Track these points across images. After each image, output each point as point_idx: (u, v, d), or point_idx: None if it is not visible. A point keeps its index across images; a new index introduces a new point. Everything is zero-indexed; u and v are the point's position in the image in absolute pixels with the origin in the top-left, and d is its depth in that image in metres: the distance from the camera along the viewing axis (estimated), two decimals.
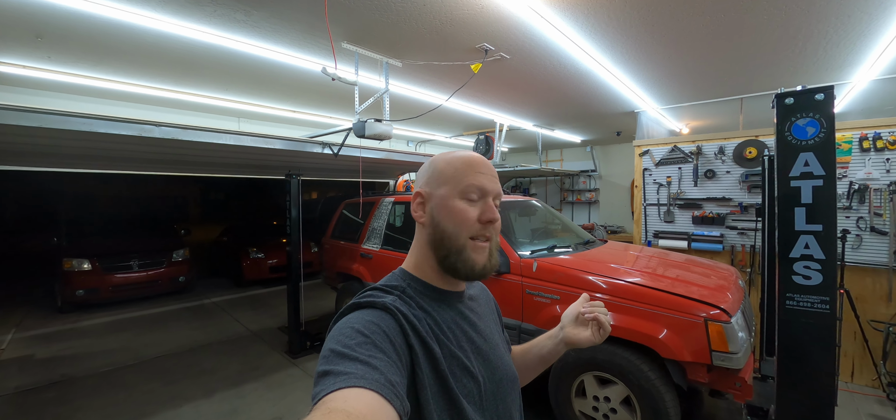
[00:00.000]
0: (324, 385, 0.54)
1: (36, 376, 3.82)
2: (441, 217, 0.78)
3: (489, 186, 0.79)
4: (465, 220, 0.76)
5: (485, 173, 0.79)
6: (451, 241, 0.76)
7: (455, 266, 0.76)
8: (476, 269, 0.76)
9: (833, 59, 3.49)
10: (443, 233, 0.77)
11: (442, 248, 0.77)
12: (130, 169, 4.33)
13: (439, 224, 0.77)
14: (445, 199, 0.78)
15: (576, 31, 2.93)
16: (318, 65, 3.30)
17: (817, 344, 1.56)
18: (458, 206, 0.77)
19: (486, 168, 0.80)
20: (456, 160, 0.80)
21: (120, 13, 2.52)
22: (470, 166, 0.79)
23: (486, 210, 0.77)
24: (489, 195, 0.79)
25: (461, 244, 0.75)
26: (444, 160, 0.81)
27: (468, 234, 0.76)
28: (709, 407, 3.12)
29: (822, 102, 1.55)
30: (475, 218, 0.77)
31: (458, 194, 0.77)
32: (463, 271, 0.76)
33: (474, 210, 0.77)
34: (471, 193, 0.77)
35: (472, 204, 0.77)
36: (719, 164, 4.21)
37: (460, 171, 0.78)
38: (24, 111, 2.24)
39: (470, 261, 0.75)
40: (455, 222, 0.76)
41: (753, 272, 3.97)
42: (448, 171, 0.79)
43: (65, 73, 3.71)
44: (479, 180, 0.78)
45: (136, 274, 6.25)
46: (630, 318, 2.38)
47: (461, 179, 0.78)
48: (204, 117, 5.54)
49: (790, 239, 1.60)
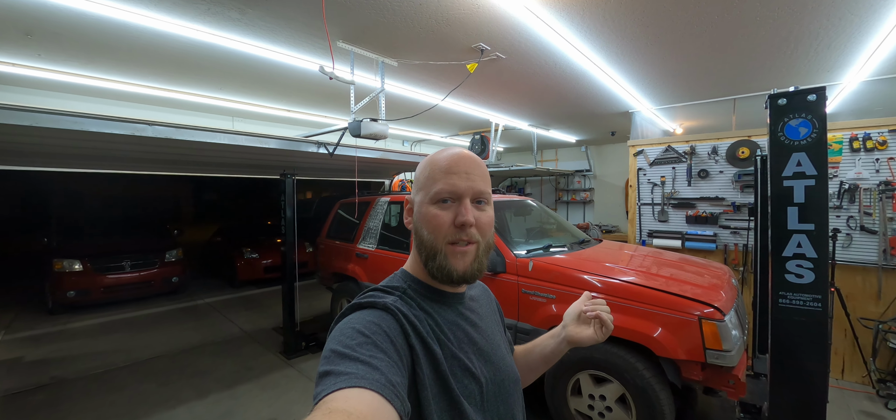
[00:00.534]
0: (324, 385, 0.54)
1: (25, 379, 3.77)
2: (419, 224, 0.77)
3: (462, 187, 0.74)
4: (438, 226, 0.73)
5: (458, 173, 0.74)
6: (427, 247, 0.74)
7: (433, 272, 0.74)
8: (453, 275, 0.73)
9: (824, 61, 3.54)
10: (421, 240, 0.75)
11: (423, 255, 0.76)
12: (123, 169, 4.29)
13: (418, 231, 0.77)
14: (421, 206, 0.77)
15: (571, 31, 2.94)
16: (314, 64, 3.29)
17: (810, 341, 1.58)
18: (430, 213, 0.74)
19: (460, 166, 0.75)
20: (430, 163, 0.78)
21: (112, 11, 2.48)
22: (441, 169, 0.75)
23: (458, 213, 0.73)
24: (465, 196, 0.74)
25: (437, 250, 0.73)
26: (422, 164, 0.80)
27: (445, 241, 0.73)
28: (702, 404, 3.15)
29: (814, 103, 1.57)
30: (449, 223, 0.73)
31: (429, 200, 0.75)
32: (440, 277, 0.74)
33: (448, 214, 0.74)
34: (442, 197, 0.74)
35: (445, 208, 0.74)
36: (713, 163, 4.25)
37: (432, 176, 0.76)
38: (14, 109, 2.21)
39: (446, 267, 0.73)
40: (430, 229, 0.74)
41: (746, 271, 4.01)
42: (421, 177, 0.78)
43: (56, 72, 3.66)
44: (451, 182, 0.74)
45: (128, 274, 6.18)
46: (625, 317, 2.39)
47: (432, 185, 0.75)
48: (198, 116, 5.49)
49: (783, 238, 1.62)
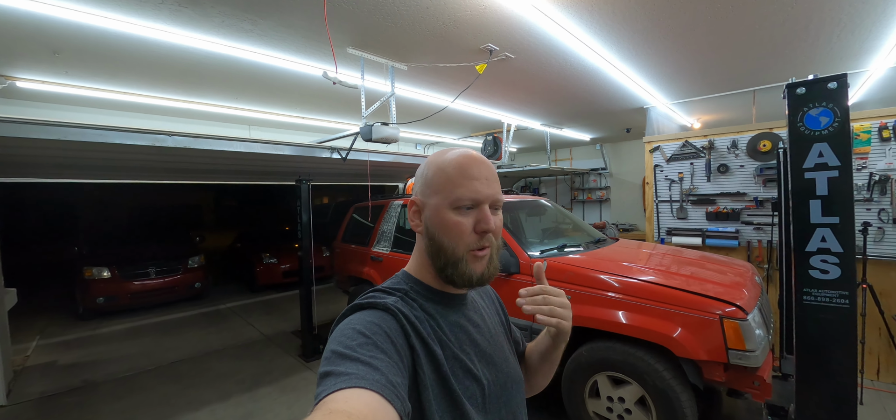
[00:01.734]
0: (325, 386, 0.54)
1: (59, 382, 3.93)
2: (436, 229, 0.74)
3: (483, 193, 0.72)
4: (460, 234, 0.72)
5: (478, 178, 0.73)
6: (447, 254, 0.72)
7: (451, 278, 0.73)
8: (473, 279, 0.73)
9: (848, 48, 3.40)
10: (439, 245, 0.73)
11: (439, 260, 0.74)
12: (145, 178, 4.44)
13: (434, 236, 0.74)
14: (438, 211, 0.73)
15: (581, 28, 2.91)
16: (324, 71, 3.34)
17: (837, 340, 1.51)
18: (451, 220, 0.72)
19: (479, 171, 0.73)
20: (447, 165, 0.74)
21: (133, 27, 2.58)
22: (461, 172, 0.73)
23: (480, 220, 0.72)
24: (484, 202, 0.73)
25: (458, 257, 0.72)
26: (435, 165, 0.76)
27: (465, 248, 0.72)
28: (727, 407, 3.05)
29: (835, 91, 1.51)
30: (470, 229, 0.72)
31: (449, 205, 0.72)
32: (459, 283, 0.73)
33: (468, 221, 0.72)
34: (463, 203, 0.72)
35: (465, 214, 0.72)
36: (733, 158, 4.13)
37: (451, 180, 0.73)
38: (44, 125, 2.32)
39: (467, 273, 0.72)
40: (450, 236, 0.72)
41: (771, 268, 3.87)
42: (438, 179, 0.74)
43: (81, 87, 3.83)
44: (472, 188, 0.72)
45: (153, 281, 6.38)
46: (643, 317, 2.34)
47: (452, 189, 0.72)
48: (216, 126, 5.65)
49: (806, 232, 1.56)
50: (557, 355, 0.91)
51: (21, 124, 2.26)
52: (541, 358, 0.93)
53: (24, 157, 3.04)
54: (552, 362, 0.93)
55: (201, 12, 2.46)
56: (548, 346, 0.90)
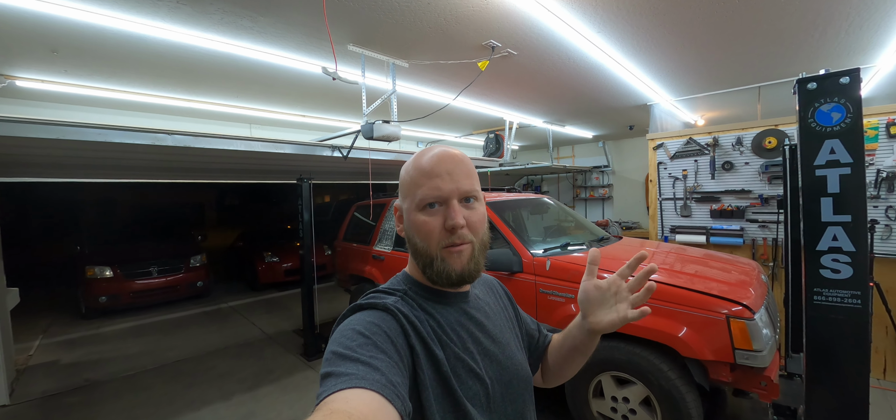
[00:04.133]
0: (326, 386, 0.54)
1: (61, 381, 3.94)
2: (410, 232, 0.75)
3: (445, 189, 0.71)
4: (429, 233, 0.72)
5: (440, 174, 0.71)
6: (422, 255, 0.73)
7: (432, 278, 0.74)
8: (452, 277, 0.72)
9: (856, 42, 3.35)
10: (415, 247, 0.74)
11: (419, 261, 0.74)
12: (146, 177, 4.43)
13: (410, 238, 0.76)
14: (409, 214, 0.75)
15: (584, 24, 2.87)
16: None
17: (849, 341, 1.48)
18: (419, 221, 0.72)
19: (441, 167, 0.72)
20: (411, 167, 0.76)
21: (131, 25, 2.56)
22: (422, 172, 0.73)
23: (447, 216, 0.71)
24: (450, 197, 0.71)
25: (432, 256, 0.72)
26: (405, 168, 0.77)
27: (439, 246, 0.72)
28: (733, 407, 3.02)
29: (847, 86, 1.47)
30: (440, 228, 0.71)
31: (416, 207, 0.73)
32: (441, 282, 0.73)
33: (437, 219, 0.72)
34: (428, 202, 0.72)
35: (433, 213, 0.72)
36: (737, 155, 4.09)
37: (414, 181, 0.74)
38: (43, 124, 2.30)
39: (445, 271, 0.71)
40: (422, 236, 0.72)
41: (776, 266, 3.84)
42: (405, 183, 0.76)
43: (81, 86, 3.81)
44: (432, 185, 0.71)
45: (155, 280, 6.39)
46: (648, 317, 2.31)
47: (415, 191, 0.73)
48: (217, 125, 5.63)
49: (816, 231, 1.52)
50: (593, 346, 0.85)
51: (20, 124, 2.25)
52: (574, 351, 0.88)
53: (24, 156, 3.03)
54: (586, 354, 0.88)
55: (200, 9, 2.43)
56: (583, 341, 0.84)
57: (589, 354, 0.88)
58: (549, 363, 0.96)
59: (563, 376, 0.96)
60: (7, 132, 2.20)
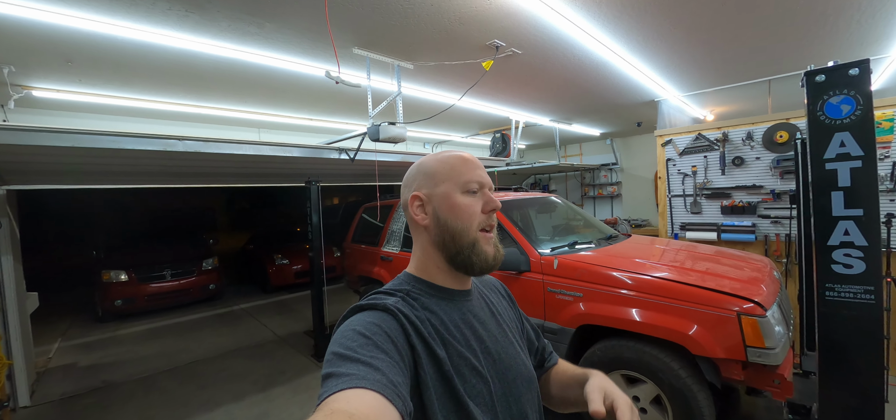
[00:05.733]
0: (327, 387, 0.55)
1: (80, 383, 4.03)
2: (447, 215, 0.77)
3: (486, 178, 0.81)
4: (473, 213, 0.77)
5: (478, 167, 0.81)
6: (462, 236, 0.76)
7: (469, 260, 0.76)
8: (488, 260, 0.77)
9: (868, 33, 3.28)
10: (452, 230, 0.76)
11: (452, 246, 0.76)
12: (158, 183, 4.51)
13: (447, 222, 0.77)
14: (448, 197, 0.78)
15: (588, 21, 2.86)
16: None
17: (862, 338, 1.45)
18: (462, 202, 0.77)
19: (477, 163, 0.82)
20: (450, 157, 0.81)
21: (141, 34, 2.62)
22: (464, 162, 0.80)
23: (488, 201, 0.79)
24: (486, 186, 0.81)
25: (473, 238, 0.76)
26: (435, 160, 0.82)
27: (478, 227, 0.77)
28: (747, 406, 2.97)
29: (856, 78, 1.44)
30: (480, 209, 0.78)
31: (459, 190, 0.78)
32: (478, 265, 0.76)
33: (477, 202, 0.78)
34: (472, 187, 0.78)
35: (475, 198, 0.79)
36: (748, 150, 4.02)
37: (457, 168, 0.79)
38: (58, 132, 2.37)
39: (483, 253, 0.76)
40: (463, 218, 0.76)
41: (790, 262, 3.77)
42: (443, 170, 0.80)
43: (94, 95, 3.90)
44: (477, 173, 0.80)
45: (169, 283, 6.50)
46: (658, 315, 2.29)
47: (458, 176, 0.79)
48: (227, 130, 5.71)
49: (827, 225, 1.49)
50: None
51: (37, 133, 2.31)
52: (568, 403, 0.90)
53: (41, 164, 3.11)
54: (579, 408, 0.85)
55: (208, 17, 2.48)
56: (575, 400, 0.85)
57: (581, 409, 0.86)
58: (547, 390, 0.95)
59: (555, 408, 0.95)
60: (24, 141, 2.27)
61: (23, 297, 3.78)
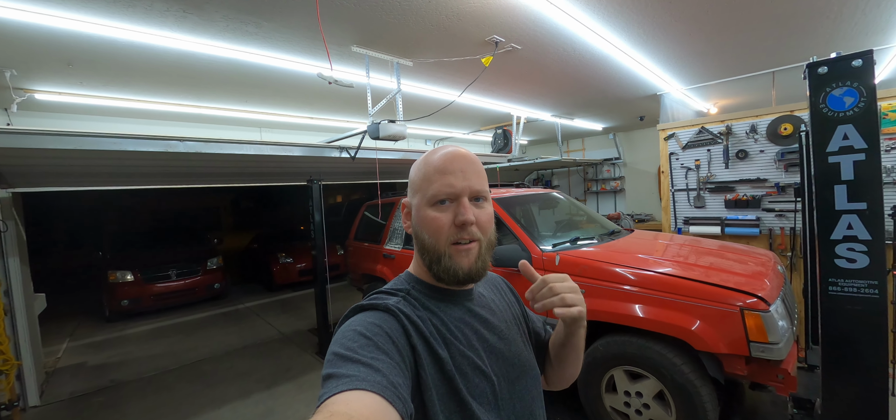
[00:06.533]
0: (327, 388, 0.54)
1: (88, 382, 4.08)
2: (418, 227, 0.76)
3: (458, 186, 0.73)
4: (439, 228, 0.72)
5: (452, 172, 0.73)
6: (430, 251, 0.73)
7: (439, 275, 0.74)
8: (459, 274, 0.72)
9: (874, 22, 3.22)
10: (422, 244, 0.75)
11: (426, 258, 0.75)
12: (161, 184, 4.55)
13: (418, 234, 0.76)
14: (418, 210, 0.76)
15: (587, 15, 2.83)
16: (329, 70, 3.34)
17: (866, 332, 1.43)
18: (429, 216, 0.73)
19: (454, 165, 0.74)
20: (423, 164, 0.77)
21: (140, 35, 2.63)
22: (435, 169, 0.74)
23: (457, 213, 0.72)
24: (461, 195, 0.73)
25: (440, 252, 0.72)
26: (415, 166, 0.79)
27: (447, 242, 0.72)
28: (753, 400, 2.96)
29: (859, 69, 1.41)
30: (449, 223, 0.72)
31: (426, 203, 0.74)
32: (447, 280, 0.73)
33: (447, 215, 0.73)
34: (439, 198, 0.73)
35: (444, 210, 0.73)
36: (752, 143, 3.98)
37: (426, 177, 0.75)
38: (61, 135, 2.39)
39: (451, 268, 0.72)
40: (430, 232, 0.73)
41: (795, 256, 3.74)
42: (416, 179, 0.77)
43: (95, 97, 3.93)
44: (446, 182, 0.73)
45: (174, 283, 6.57)
46: (660, 310, 2.28)
47: (427, 186, 0.74)
48: (229, 130, 5.73)
49: (831, 219, 1.47)
50: (577, 341, 0.86)
51: (40, 136, 2.33)
52: (561, 347, 0.88)
53: (45, 166, 3.14)
54: (575, 349, 0.87)
55: (206, 17, 2.48)
56: (565, 335, 0.85)
57: (579, 350, 0.88)
58: (551, 362, 0.95)
59: (562, 377, 0.94)
60: (28, 144, 2.29)
61: (31, 299, 3.83)
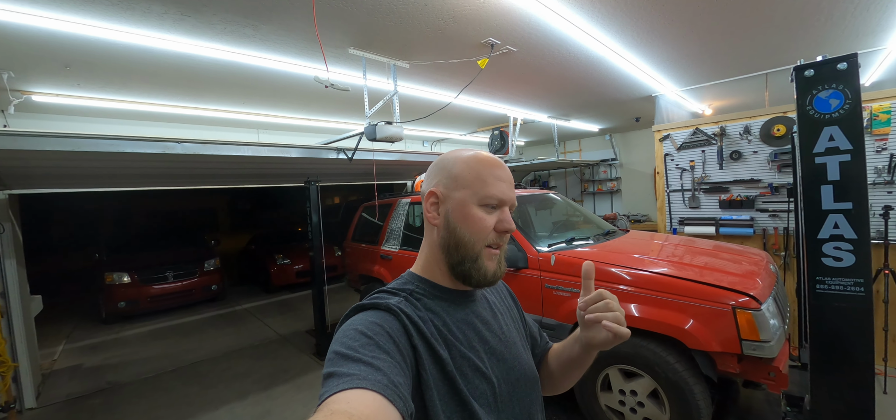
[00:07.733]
0: (328, 387, 0.55)
1: (85, 384, 4.07)
2: (457, 222, 0.75)
3: (507, 195, 0.76)
4: (484, 229, 0.74)
5: (504, 180, 0.76)
6: (467, 248, 0.74)
7: (468, 273, 0.74)
8: (487, 276, 0.75)
9: (864, 25, 3.27)
10: (459, 239, 0.74)
11: (456, 254, 0.75)
12: (158, 185, 4.55)
13: (455, 229, 0.75)
14: (463, 205, 0.75)
15: (582, 18, 2.86)
16: (326, 72, 3.36)
17: (852, 330, 1.46)
18: (476, 214, 0.74)
19: (505, 174, 0.77)
20: (475, 163, 0.76)
21: (138, 38, 2.64)
22: (491, 172, 0.76)
23: (503, 220, 0.75)
24: (506, 204, 0.76)
25: (476, 252, 0.74)
26: (461, 161, 0.77)
27: (484, 243, 0.74)
28: (746, 398, 2.99)
29: (845, 72, 1.45)
30: (492, 226, 0.74)
31: (476, 201, 0.74)
32: (475, 279, 0.74)
33: (492, 219, 0.75)
34: (490, 201, 0.75)
35: (489, 213, 0.75)
36: (745, 144, 4.02)
37: (480, 177, 0.75)
38: (58, 137, 2.39)
39: (483, 269, 0.74)
40: (472, 230, 0.74)
41: (788, 255, 3.78)
42: (466, 176, 0.76)
43: (93, 98, 3.93)
44: (499, 189, 0.75)
45: (171, 284, 6.55)
46: (653, 309, 2.31)
47: (480, 187, 0.74)
48: (226, 131, 5.73)
49: (817, 219, 1.51)
50: (590, 360, 0.85)
51: (38, 137, 2.34)
52: (571, 364, 0.88)
53: (42, 168, 3.14)
54: (583, 367, 0.88)
55: (204, 20, 2.50)
56: (580, 354, 0.84)
57: (586, 368, 0.88)
58: (548, 371, 0.95)
59: (559, 387, 0.95)
60: (25, 146, 2.30)
61: (27, 300, 3.82)
